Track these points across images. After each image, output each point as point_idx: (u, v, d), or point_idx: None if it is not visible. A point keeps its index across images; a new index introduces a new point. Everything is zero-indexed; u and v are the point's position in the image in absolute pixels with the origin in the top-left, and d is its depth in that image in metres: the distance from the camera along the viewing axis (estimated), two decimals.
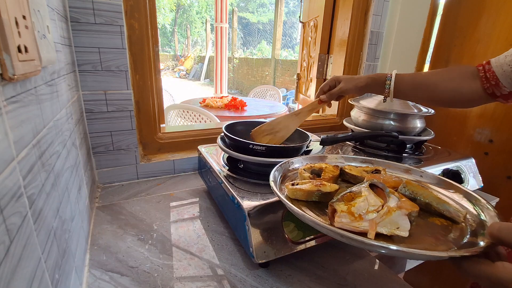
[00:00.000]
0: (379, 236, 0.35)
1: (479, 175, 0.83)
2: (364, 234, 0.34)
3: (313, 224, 0.36)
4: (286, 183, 0.47)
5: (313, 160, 0.59)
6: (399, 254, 0.30)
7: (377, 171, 0.54)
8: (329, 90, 0.70)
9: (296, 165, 0.56)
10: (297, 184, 0.46)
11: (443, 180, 0.50)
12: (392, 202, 0.37)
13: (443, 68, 0.64)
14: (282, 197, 0.41)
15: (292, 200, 0.44)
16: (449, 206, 0.41)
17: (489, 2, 1.00)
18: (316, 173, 0.52)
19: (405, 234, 0.35)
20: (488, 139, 1.04)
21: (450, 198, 0.45)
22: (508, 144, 0.99)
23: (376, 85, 0.67)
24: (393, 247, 0.30)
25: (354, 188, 0.40)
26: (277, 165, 0.52)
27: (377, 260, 0.55)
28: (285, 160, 0.55)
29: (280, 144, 0.68)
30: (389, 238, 0.35)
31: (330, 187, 0.45)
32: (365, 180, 0.47)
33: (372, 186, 0.40)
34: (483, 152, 1.05)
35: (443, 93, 0.62)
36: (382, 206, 0.36)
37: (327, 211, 0.41)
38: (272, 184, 0.44)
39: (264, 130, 0.69)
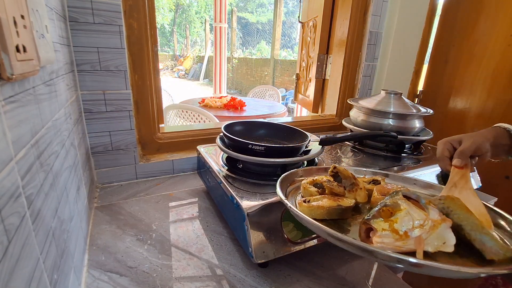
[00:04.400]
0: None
1: (478, 175, 0.83)
2: (408, 254, 0.30)
3: (356, 249, 0.31)
4: (298, 200, 0.44)
5: (319, 173, 0.55)
6: (460, 275, 0.27)
7: (375, 182, 0.53)
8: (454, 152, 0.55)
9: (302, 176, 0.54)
10: (308, 201, 0.42)
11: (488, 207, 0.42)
12: (433, 213, 0.33)
13: None
14: (314, 221, 0.35)
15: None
16: (490, 239, 0.34)
17: (488, 3, 1.01)
18: (319, 187, 0.48)
19: (450, 249, 0.31)
20: None
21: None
22: None
23: (501, 137, 0.55)
24: (466, 269, 0.27)
25: (388, 202, 0.35)
26: (279, 181, 0.47)
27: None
28: (287, 173, 0.52)
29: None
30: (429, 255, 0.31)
31: (349, 201, 0.42)
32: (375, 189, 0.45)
33: (405, 198, 0.36)
34: None
35: None
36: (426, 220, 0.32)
37: (345, 227, 0.38)
38: (286, 202, 0.40)
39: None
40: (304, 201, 0.42)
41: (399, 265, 0.29)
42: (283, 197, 0.41)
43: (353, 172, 0.56)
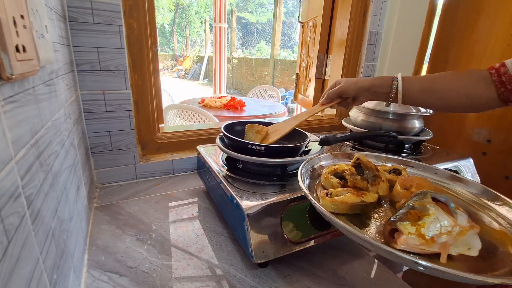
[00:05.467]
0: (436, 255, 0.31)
1: (477, 175, 0.83)
2: (431, 256, 0.31)
3: (380, 251, 0.31)
4: (320, 193, 0.43)
5: (340, 158, 0.57)
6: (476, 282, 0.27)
7: (395, 171, 0.52)
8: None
9: (323, 163, 0.55)
10: (330, 194, 0.42)
11: (486, 189, 0.46)
12: (461, 219, 0.33)
13: (452, 72, 0.61)
14: (340, 222, 0.34)
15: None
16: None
17: (487, 3, 1.01)
18: (340, 177, 0.48)
19: (475, 254, 0.32)
20: (486, 139, 1.04)
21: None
22: (506, 144, 0.99)
23: (381, 86, 0.62)
24: (491, 279, 0.27)
25: (416, 205, 0.35)
26: (302, 169, 0.47)
27: (376, 260, 0.55)
28: (308, 157, 0.53)
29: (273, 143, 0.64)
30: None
31: (372, 196, 0.42)
32: (396, 181, 0.45)
33: (433, 200, 0.36)
34: (481, 152, 1.05)
35: (453, 100, 0.58)
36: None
37: (366, 221, 0.38)
38: (311, 198, 0.39)
39: (268, 131, 0.66)
40: (327, 194, 0.42)
41: (421, 269, 0.29)
42: (307, 192, 0.41)
43: (373, 158, 0.56)
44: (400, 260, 0.30)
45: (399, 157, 0.60)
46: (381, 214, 0.43)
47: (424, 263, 0.29)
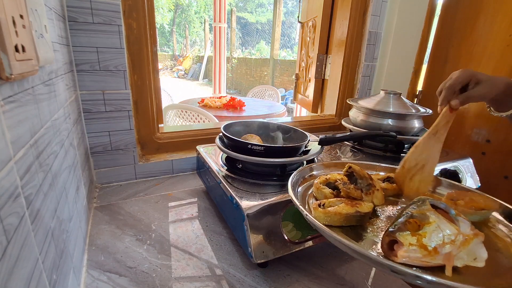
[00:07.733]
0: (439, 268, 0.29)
1: (477, 175, 0.83)
2: (434, 269, 0.29)
3: (381, 266, 0.29)
4: (313, 204, 0.42)
5: (331, 167, 0.56)
6: None
7: (389, 179, 0.52)
8: (462, 91, 0.51)
9: (314, 172, 0.54)
10: (323, 205, 0.40)
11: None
12: (464, 227, 0.31)
13: None
14: (336, 235, 0.32)
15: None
16: None
17: (486, 3, 1.01)
18: (333, 187, 0.47)
19: (481, 264, 0.30)
20: (485, 139, 1.04)
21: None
22: (505, 144, 0.99)
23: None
24: None
25: (415, 213, 0.33)
26: (292, 180, 0.46)
27: None
28: (300, 168, 0.53)
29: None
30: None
31: (367, 206, 0.39)
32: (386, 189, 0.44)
33: (432, 207, 0.34)
34: (480, 152, 1.05)
35: None
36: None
37: (362, 233, 0.36)
38: (302, 209, 0.37)
39: (409, 170, 0.52)
40: (320, 205, 0.40)
41: (427, 284, 0.27)
42: (298, 203, 0.39)
43: (366, 166, 0.56)
44: (401, 277, 0.28)
45: (392, 166, 0.59)
46: (378, 224, 0.41)
47: (430, 278, 0.26)
